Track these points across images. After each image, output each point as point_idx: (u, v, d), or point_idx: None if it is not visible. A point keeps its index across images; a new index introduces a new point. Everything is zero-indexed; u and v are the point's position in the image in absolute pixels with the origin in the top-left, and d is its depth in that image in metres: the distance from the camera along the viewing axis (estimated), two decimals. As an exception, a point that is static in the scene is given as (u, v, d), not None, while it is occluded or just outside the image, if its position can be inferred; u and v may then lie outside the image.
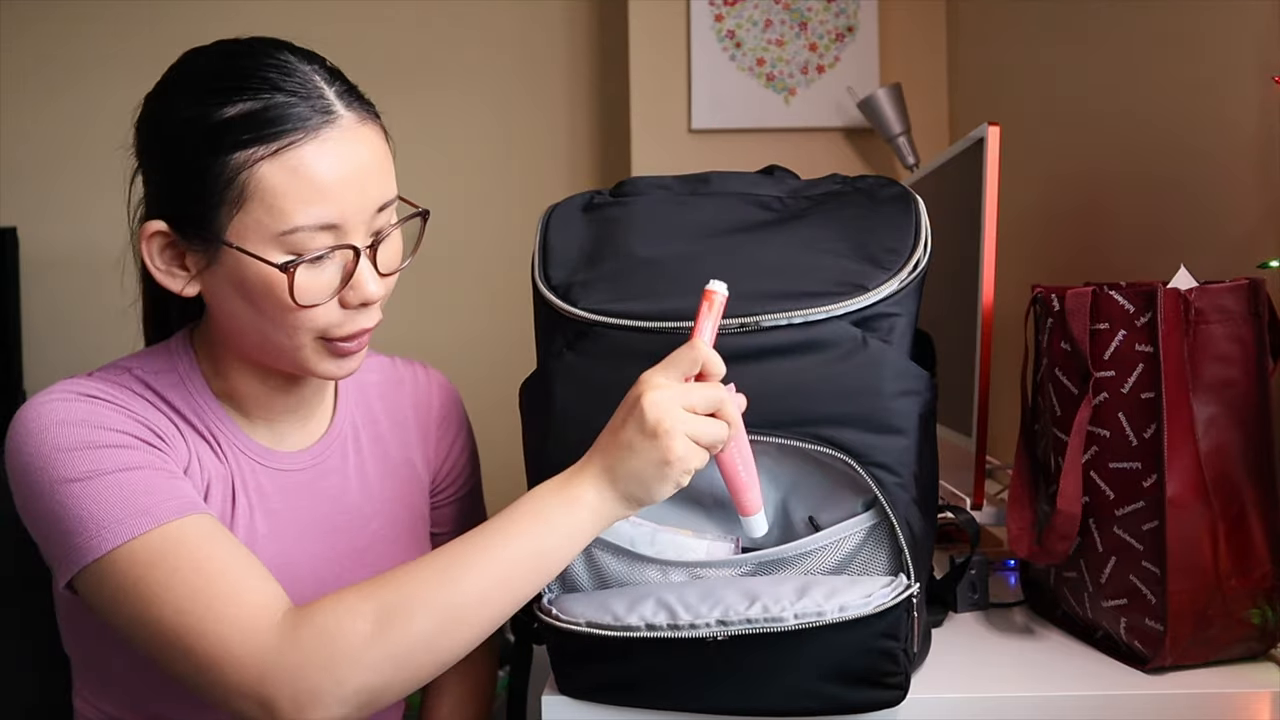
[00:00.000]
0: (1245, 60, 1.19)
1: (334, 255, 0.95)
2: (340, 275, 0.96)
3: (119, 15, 2.70)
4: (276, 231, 0.92)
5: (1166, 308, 0.96)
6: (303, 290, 0.94)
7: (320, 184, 0.92)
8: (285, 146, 0.92)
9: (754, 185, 1.08)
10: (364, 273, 0.96)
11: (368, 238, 0.97)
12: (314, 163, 0.92)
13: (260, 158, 0.92)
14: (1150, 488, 0.96)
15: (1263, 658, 1.01)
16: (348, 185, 0.94)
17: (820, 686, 0.89)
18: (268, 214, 0.92)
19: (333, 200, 0.93)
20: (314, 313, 0.95)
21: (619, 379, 0.96)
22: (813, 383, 0.94)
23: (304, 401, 1.09)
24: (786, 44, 2.40)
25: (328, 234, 0.94)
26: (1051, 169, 1.73)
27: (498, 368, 1.93)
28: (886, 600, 0.88)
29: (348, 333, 0.98)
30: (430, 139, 2.67)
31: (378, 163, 0.97)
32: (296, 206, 0.92)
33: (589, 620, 0.91)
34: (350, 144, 0.95)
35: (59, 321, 2.67)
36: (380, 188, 0.97)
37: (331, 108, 0.94)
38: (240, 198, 0.92)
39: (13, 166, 2.71)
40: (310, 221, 0.92)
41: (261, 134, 0.92)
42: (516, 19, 2.71)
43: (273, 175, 0.92)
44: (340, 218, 0.93)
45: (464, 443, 1.23)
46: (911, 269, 0.98)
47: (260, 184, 0.92)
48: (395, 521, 1.14)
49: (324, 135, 0.93)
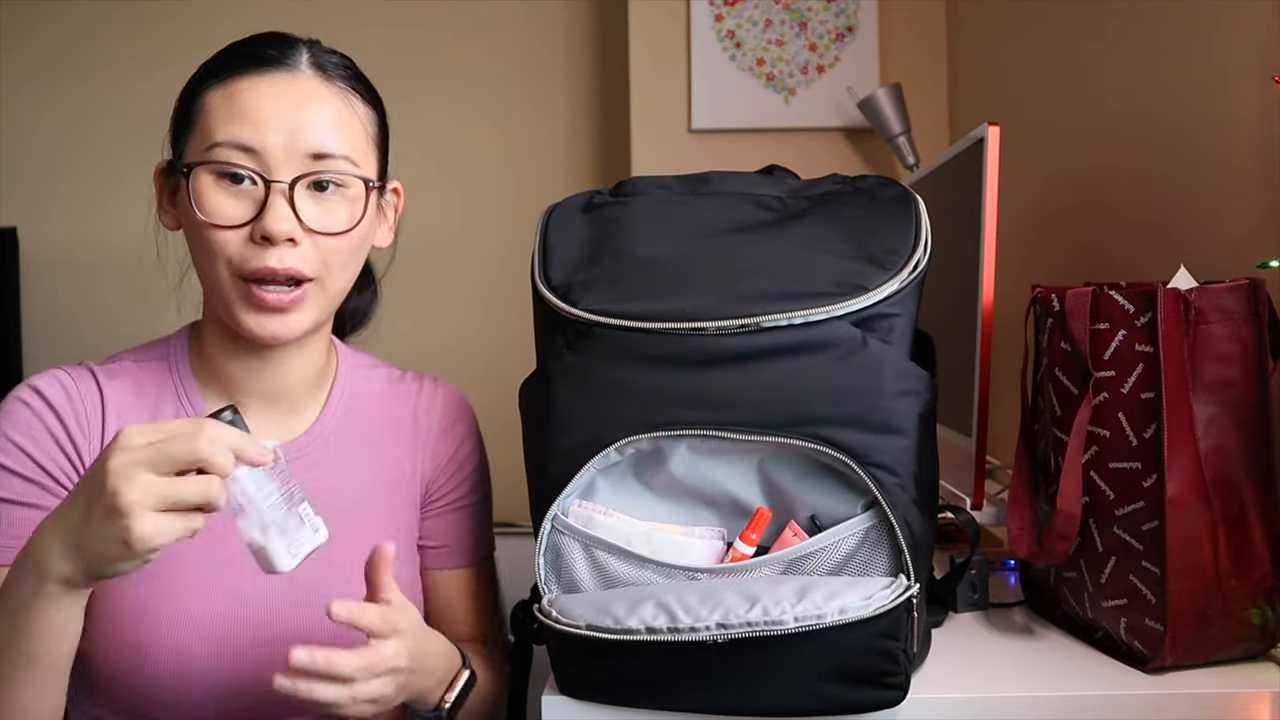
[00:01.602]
0: (1245, 60, 1.19)
1: (253, 188, 1.00)
2: (255, 208, 1.00)
3: (119, 16, 2.70)
4: (204, 147, 1.00)
5: (1166, 308, 0.96)
6: (209, 205, 1.00)
7: (246, 109, 1.00)
8: (231, 77, 1.02)
9: (754, 185, 1.08)
10: (274, 206, 0.99)
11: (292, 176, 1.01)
12: (248, 91, 1.01)
13: (210, 87, 1.02)
14: (1150, 488, 0.96)
15: (1263, 658, 1.00)
16: (276, 117, 1.00)
17: (820, 687, 0.89)
18: (201, 132, 1.02)
19: (254, 125, 1.00)
20: (223, 236, 1.00)
21: (619, 379, 0.96)
22: (812, 383, 0.94)
23: (285, 393, 1.10)
24: (786, 44, 2.39)
25: (247, 156, 1.00)
26: (1051, 169, 1.73)
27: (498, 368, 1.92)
28: (886, 602, 0.88)
29: (253, 266, 1.00)
30: (430, 139, 2.67)
31: (326, 114, 1.03)
32: (220, 124, 1.00)
33: (589, 623, 0.91)
34: (297, 89, 1.02)
35: (59, 321, 2.67)
36: (319, 135, 1.01)
37: (295, 62, 1.03)
38: (190, 122, 1.03)
39: (13, 166, 2.71)
40: (228, 138, 0.99)
41: (219, 69, 1.03)
42: (516, 19, 2.71)
43: (212, 99, 1.02)
44: (260, 144, 0.99)
45: (466, 456, 1.21)
46: (912, 269, 0.98)
47: (203, 107, 1.02)
48: (376, 525, 1.13)
49: (271, 76, 1.02)
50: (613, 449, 0.96)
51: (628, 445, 0.96)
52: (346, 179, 1.03)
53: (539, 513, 0.99)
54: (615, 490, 0.99)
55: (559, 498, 0.97)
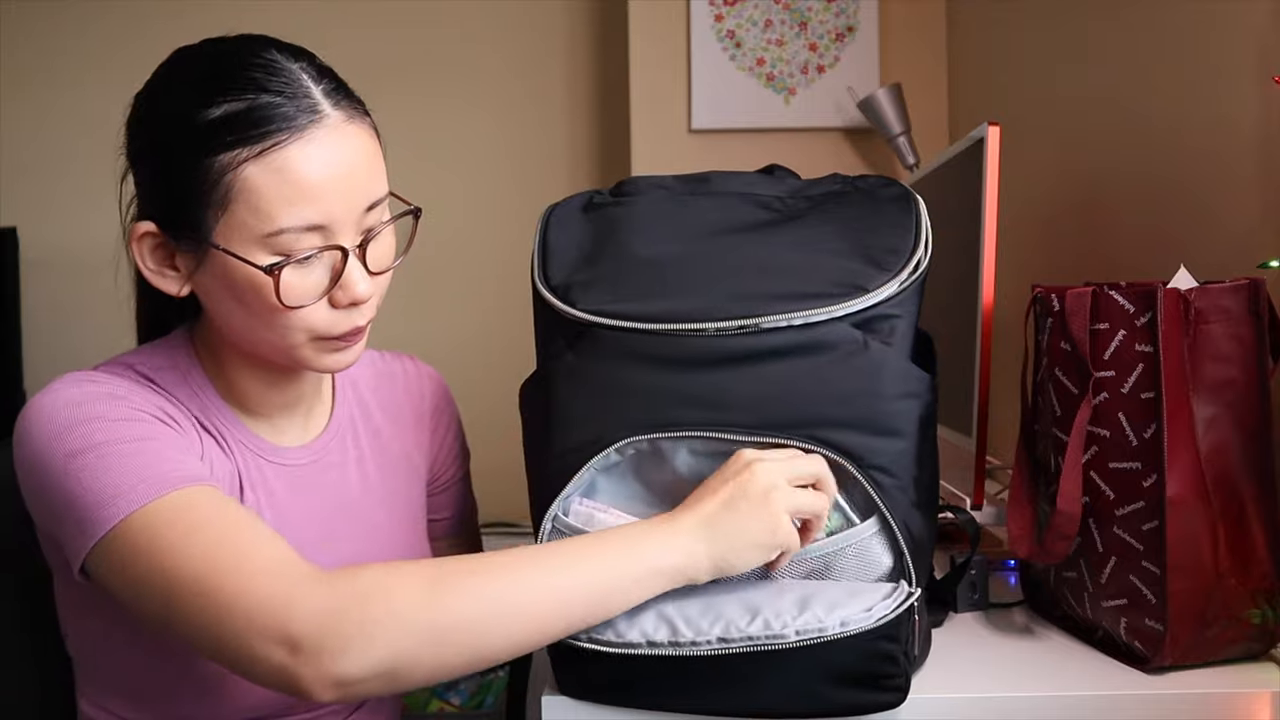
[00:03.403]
0: (1245, 60, 1.19)
1: (322, 256, 0.95)
2: (329, 275, 0.95)
3: (120, 16, 2.70)
4: (262, 233, 0.92)
5: (1166, 308, 0.96)
6: (290, 292, 0.93)
7: (305, 185, 0.92)
8: (270, 148, 0.91)
9: (754, 185, 1.07)
10: (353, 273, 0.95)
11: (357, 237, 0.96)
12: (299, 163, 0.92)
13: (245, 159, 0.91)
14: (1150, 488, 0.96)
15: (1263, 658, 1.00)
16: (334, 185, 0.93)
17: (820, 688, 0.89)
18: (253, 216, 0.92)
19: (318, 201, 0.92)
20: (303, 313, 0.95)
21: (619, 379, 0.96)
22: (812, 385, 0.94)
23: (303, 397, 1.10)
24: (786, 44, 2.39)
25: (315, 234, 0.93)
26: (1051, 169, 1.73)
27: (498, 368, 1.92)
28: (888, 612, 0.88)
29: (340, 332, 0.97)
30: (430, 139, 2.67)
31: (366, 161, 0.96)
32: (281, 208, 0.92)
33: (590, 635, 0.91)
34: (337, 143, 0.94)
35: (59, 322, 2.67)
36: (368, 186, 0.96)
37: (318, 107, 0.94)
38: (225, 200, 0.92)
39: (13, 166, 2.70)
40: (296, 223, 0.92)
41: (246, 135, 0.91)
42: (516, 19, 2.71)
43: (257, 177, 0.91)
44: (327, 218, 0.93)
45: (455, 430, 1.25)
46: (912, 270, 0.98)
47: (245, 186, 0.91)
48: (395, 513, 1.14)
49: (309, 135, 0.92)
50: (613, 449, 0.96)
51: (628, 446, 0.96)
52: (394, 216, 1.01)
53: (539, 513, 0.99)
54: (615, 490, 0.99)
55: (559, 498, 0.97)
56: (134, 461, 0.92)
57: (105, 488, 0.90)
